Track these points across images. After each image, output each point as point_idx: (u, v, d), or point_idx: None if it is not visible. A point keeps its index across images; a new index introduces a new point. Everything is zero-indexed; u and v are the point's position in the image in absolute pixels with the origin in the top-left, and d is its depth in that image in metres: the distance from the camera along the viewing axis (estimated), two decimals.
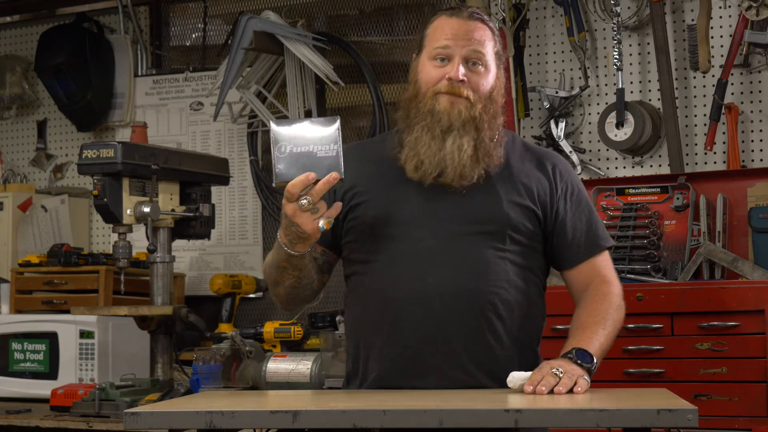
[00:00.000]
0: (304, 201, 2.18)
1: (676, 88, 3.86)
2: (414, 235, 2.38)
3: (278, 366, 3.15)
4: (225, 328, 4.21)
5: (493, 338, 2.36)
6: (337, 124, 2.19)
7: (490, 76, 2.42)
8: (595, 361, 2.26)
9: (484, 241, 2.37)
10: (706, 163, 3.86)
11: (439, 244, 2.37)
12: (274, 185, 2.24)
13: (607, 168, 4.00)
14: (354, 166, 2.38)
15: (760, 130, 3.80)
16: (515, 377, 2.23)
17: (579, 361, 2.24)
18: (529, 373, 2.22)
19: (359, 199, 2.43)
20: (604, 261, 2.48)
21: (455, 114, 2.37)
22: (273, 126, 2.21)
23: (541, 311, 2.48)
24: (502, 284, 2.37)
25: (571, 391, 2.17)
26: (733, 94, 3.81)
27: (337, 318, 3.30)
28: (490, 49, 2.42)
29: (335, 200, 2.35)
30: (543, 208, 2.43)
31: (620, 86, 3.84)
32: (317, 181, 2.17)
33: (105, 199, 3.56)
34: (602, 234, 2.50)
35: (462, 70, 2.38)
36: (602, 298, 2.41)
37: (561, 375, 2.18)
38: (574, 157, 3.96)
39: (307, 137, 2.19)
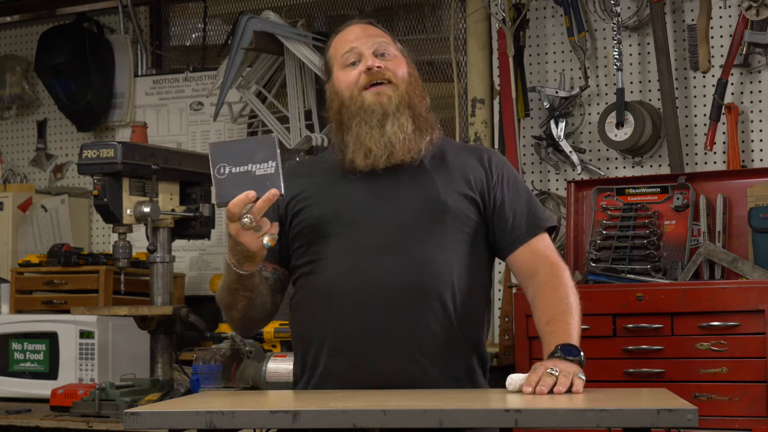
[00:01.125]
0: (246, 219, 2.19)
1: (676, 88, 3.86)
2: (356, 232, 2.41)
3: (278, 366, 3.14)
4: (225, 328, 4.20)
5: (437, 327, 2.39)
6: (274, 140, 2.20)
7: (403, 63, 2.50)
8: (582, 353, 2.27)
9: (426, 232, 2.41)
10: (706, 163, 3.86)
11: (382, 237, 2.40)
12: (216, 206, 2.25)
13: (607, 168, 4.00)
14: (297, 179, 2.46)
15: (760, 130, 3.80)
16: (514, 380, 2.24)
17: (568, 357, 2.25)
18: (525, 375, 2.23)
19: (302, 205, 2.48)
20: (546, 242, 2.51)
21: (386, 101, 2.44)
22: (210, 148, 2.22)
23: (485, 301, 2.51)
24: (444, 272, 2.40)
25: (569, 390, 2.17)
26: (733, 94, 3.81)
27: None
28: (391, 41, 2.51)
29: (279, 213, 2.43)
30: (481, 195, 2.48)
31: (620, 86, 3.84)
32: (258, 198, 2.18)
33: (105, 199, 3.56)
34: (542, 216, 2.53)
35: (376, 59, 2.46)
36: (558, 284, 2.43)
37: (557, 374, 2.18)
38: (574, 157, 3.96)
39: (245, 156, 2.19)
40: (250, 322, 2.52)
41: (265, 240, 2.23)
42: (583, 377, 2.22)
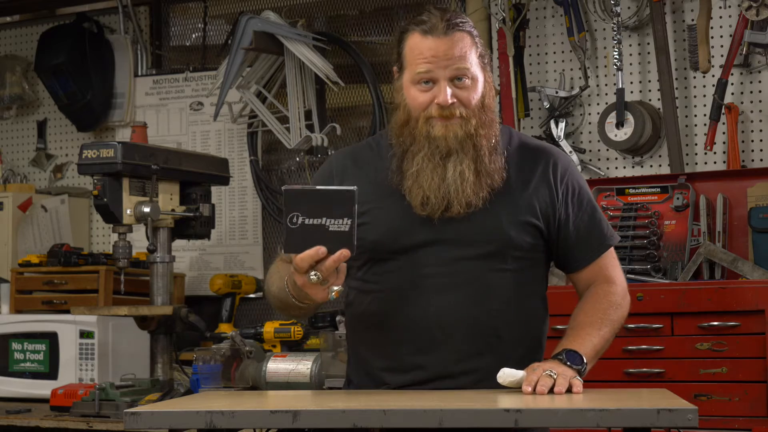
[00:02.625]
0: (314, 277, 2.13)
1: (676, 88, 3.86)
2: (414, 261, 2.36)
3: (278, 366, 3.15)
4: (225, 328, 4.21)
5: (495, 364, 2.32)
6: (354, 195, 2.12)
7: (479, 86, 2.37)
8: (585, 362, 2.26)
9: (485, 264, 2.35)
10: (706, 163, 3.86)
11: (440, 270, 2.34)
12: (283, 253, 2.18)
13: (607, 168, 4.00)
14: (351, 179, 2.36)
15: (760, 130, 3.80)
16: (506, 373, 2.23)
17: (568, 363, 2.23)
18: (521, 372, 2.22)
19: (359, 220, 2.35)
20: (610, 259, 2.46)
21: (452, 137, 2.33)
22: (285, 193, 2.13)
23: (543, 319, 2.47)
24: (502, 306, 2.35)
25: (569, 391, 2.17)
26: (733, 94, 3.81)
27: (337, 318, 3.30)
28: (473, 57, 2.35)
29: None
30: (545, 219, 2.40)
31: (620, 86, 3.84)
32: (328, 255, 2.12)
33: (105, 199, 3.57)
34: (607, 232, 2.46)
35: (449, 92, 2.32)
36: (602, 297, 2.40)
37: (555, 376, 2.18)
38: (574, 157, 3.96)
39: (321, 208, 2.11)
40: (299, 319, 2.51)
41: (332, 294, 2.18)
42: (581, 380, 2.22)
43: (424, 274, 2.35)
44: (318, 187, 2.16)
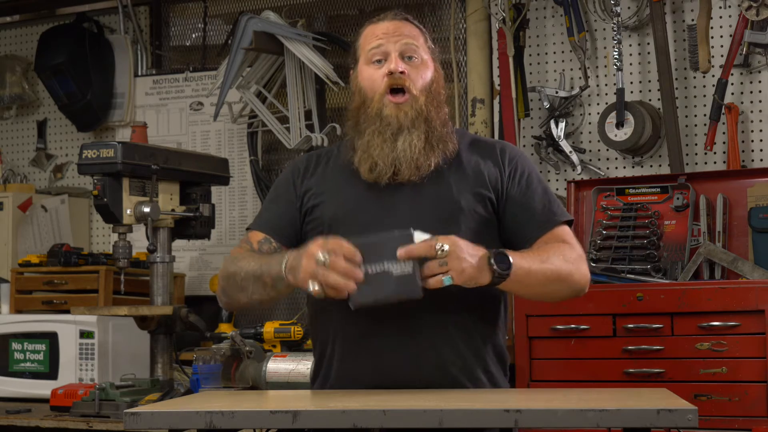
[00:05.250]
0: (321, 259, 2.19)
1: (676, 88, 3.86)
2: (369, 231, 2.36)
3: (278, 366, 3.15)
4: (225, 328, 4.21)
5: (455, 330, 2.36)
6: (411, 237, 2.19)
7: (429, 70, 2.46)
8: (512, 267, 2.23)
9: (438, 230, 2.34)
10: (706, 163, 3.86)
11: None
12: (351, 308, 2.22)
13: (607, 168, 4.00)
14: (309, 171, 2.45)
15: (760, 130, 3.80)
16: (416, 237, 2.23)
17: (493, 261, 2.22)
18: (427, 236, 2.22)
19: (316, 201, 2.46)
20: (563, 232, 2.44)
21: (402, 116, 2.40)
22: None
23: (497, 297, 2.45)
24: None
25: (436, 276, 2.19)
26: (733, 94, 3.81)
27: None
28: (422, 43, 2.47)
29: (294, 203, 2.47)
30: (495, 192, 2.44)
31: (620, 86, 3.84)
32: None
33: (105, 199, 3.57)
34: (558, 210, 2.47)
35: (400, 62, 2.42)
36: (553, 247, 2.38)
37: (444, 254, 2.18)
38: (574, 157, 3.96)
39: (381, 254, 2.19)
40: (248, 307, 2.51)
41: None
42: (474, 273, 2.21)
43: None
44: (375, 235, 2.20)
